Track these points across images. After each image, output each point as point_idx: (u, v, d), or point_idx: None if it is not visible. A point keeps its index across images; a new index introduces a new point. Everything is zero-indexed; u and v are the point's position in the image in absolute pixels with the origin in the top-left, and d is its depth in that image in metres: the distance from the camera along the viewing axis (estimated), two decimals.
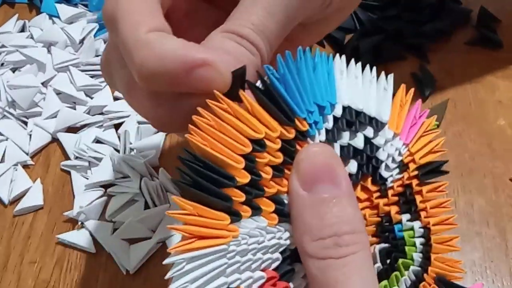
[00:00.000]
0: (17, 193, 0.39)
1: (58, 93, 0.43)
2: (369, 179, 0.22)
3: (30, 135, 0.42)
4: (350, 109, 0.22)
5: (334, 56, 0.22)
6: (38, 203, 0.39)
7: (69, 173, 0.40)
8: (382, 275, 0.23)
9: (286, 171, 0.20)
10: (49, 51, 0.45)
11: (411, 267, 0.23)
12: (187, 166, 0.18)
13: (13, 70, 0.45)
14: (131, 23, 0.20)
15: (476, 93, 0.43)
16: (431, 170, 0.24)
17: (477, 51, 0.45)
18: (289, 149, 0.20)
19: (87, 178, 0.39)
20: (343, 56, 0.23)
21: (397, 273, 0.23)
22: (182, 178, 0.18)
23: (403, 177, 0.23)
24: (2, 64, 0.45)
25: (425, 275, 0.23)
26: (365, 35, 0.45)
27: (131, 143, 0.40)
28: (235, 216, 0.18)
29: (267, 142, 0.19)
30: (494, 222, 0.36)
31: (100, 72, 0.44)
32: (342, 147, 0.22)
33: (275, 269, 0.20)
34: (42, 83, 0.44)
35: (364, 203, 0.23)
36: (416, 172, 0.23)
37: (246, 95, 0.19)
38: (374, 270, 0.20)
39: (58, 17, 0.48)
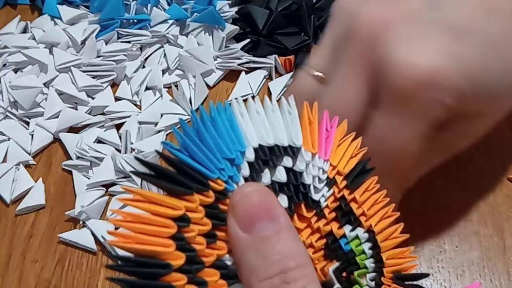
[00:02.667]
0: (19, 192, 0.39)
1: (60, 93, 0.43)
2: (303, 206, 0.22)
3: (32, 135, 0.42)
4: (261, 148, 0.21)
5: (230, 102, 0.22)
6: (40, 202, 0.39)
7: (70, 172, 0.40)
8: None
9: (218, 233, 0.20)
10: (51, 52, 0.46)
11: (368, 275, 0.23)
12: (120, 271, 0.18)
13: (15, 70, 0.45)
14: None
15: None
16: (358, 174, 0.23)
17: None
18: (213, 212, 0.20)
19: (89, 178, 0.40)
20: (239, 98, 0.23)
21: (356, 286, 0.23)
22: (120, 286, 0.18)
23: (334, 192, 0.23)
24: (4, 65, 0.46)
25: (382, 278, 0.23)
26: None
27: (132, 143, 0.41)
28: None
29: (190, 214, 0.19)
30: (491, 221, 0.37)
31: (101, 73, 0.44)
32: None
33: None
34: (44, 84, 0.44)
35: (306, 231, 0.23)
36: (344, 182, 0.23)
37: (133, 189, 0.19)
38: None
39: (60, 18, 0.48)
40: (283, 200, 0.22)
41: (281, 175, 0.22)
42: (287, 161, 0.22)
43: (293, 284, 0.18)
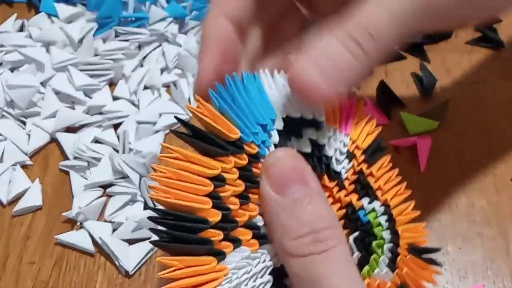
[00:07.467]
0: (16, 193, 0.39)
1: (57, 92, 0.43)
2: (325, 177, 0.23)
3: (29, 135, 0.42)
4: (289, 119, 0.22)
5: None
6: (36, 203, 0.39)
7: (68, 173, 0.40)
8: (362, 262, 0.23)
9: (250, 195, 0.21)
10: (47, 51, 0.45)
11: (385, 245, 0.24)
12: (159, 223, 0.19)
13: (12, 69, 0.45)
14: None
15: (477, 93, 0.42)
16: (374, 150, 0.25)
17: (478, 50, 0.45)
18: (247, 175, 0.21)
19: (86, 178, 0.39)
20: (266, 70, 0.24)
21: (374, 255, 0.24)
22: (159, 237, 0.19)
23: (353, 165, 0.24)
24: (1, 64, 0.45)
25: (398, 249, 0.24)
26: None
27: (130, 143, 0.40)
28: (220, 255, 0.19)
29: (225, 175, 0.20)
30: (495, 222, 0.36)
31: (99, 72, 0.44)
32: None
33: None
34: (41, 83, 0.43)
35: (328, 200, 0.24)
36: (363, 157, 0.25)
37: (174, 147, 0.20)
38: (354, 262, 0.20)
39: (57, 16, 0.48)
40: None
41: (305, 146, 0.23)
42: (311, 133, 0.23)
43: (324, 243, 0.19)
